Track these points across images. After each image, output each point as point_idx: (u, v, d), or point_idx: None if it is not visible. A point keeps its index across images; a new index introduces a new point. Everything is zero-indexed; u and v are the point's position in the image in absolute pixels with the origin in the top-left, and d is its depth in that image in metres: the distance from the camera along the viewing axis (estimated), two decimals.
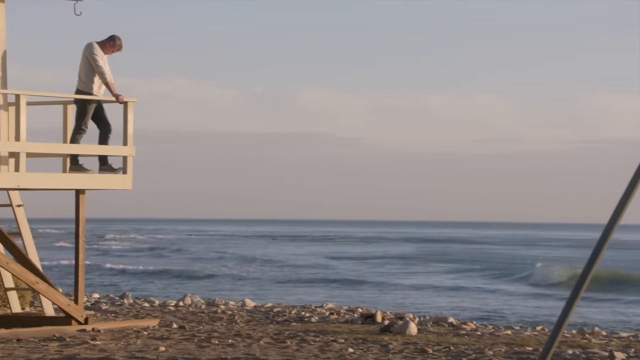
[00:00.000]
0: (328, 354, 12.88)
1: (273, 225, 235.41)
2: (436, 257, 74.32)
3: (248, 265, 64.52)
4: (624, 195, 6.73)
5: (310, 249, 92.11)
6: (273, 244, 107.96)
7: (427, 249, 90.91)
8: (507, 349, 13.70)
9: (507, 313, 33.69)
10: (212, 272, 57.13)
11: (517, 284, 48.89)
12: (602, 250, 6.72)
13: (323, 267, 63.00)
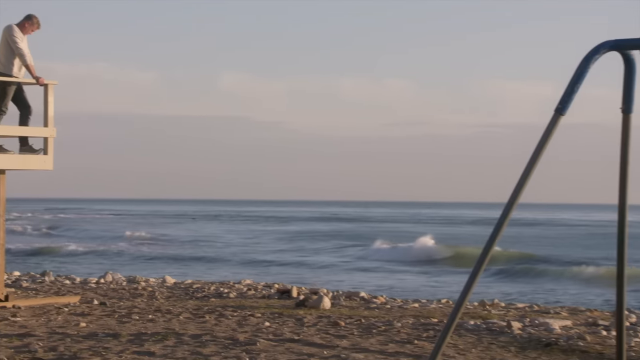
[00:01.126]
0: (245, 327, 12.89)
1: (195, 204, 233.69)
2: (346, 235, 74.75)
3: (143, 242, 63.08)
4: (521, 176, 6.88)
5: (229, 228, 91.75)
6: (193, 223, 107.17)
7: (339, 228, 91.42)
8: (414, 321, 13.91)
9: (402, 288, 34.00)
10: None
11: (402, 260, 48.80)
12: (502, 228, 6.86)
13: (242, 245, 62.77)
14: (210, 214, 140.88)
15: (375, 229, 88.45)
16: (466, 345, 11.40)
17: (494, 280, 37.00)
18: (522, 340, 11.90)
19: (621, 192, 7.34)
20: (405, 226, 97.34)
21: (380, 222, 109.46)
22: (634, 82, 7.24)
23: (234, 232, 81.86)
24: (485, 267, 6.85)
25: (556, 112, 6.86)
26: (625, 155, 7.30)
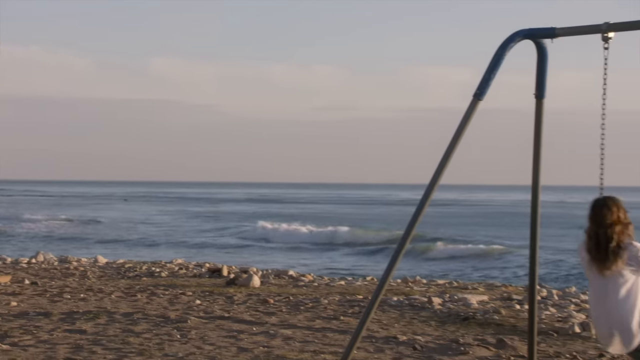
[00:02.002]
0: (177, 306, 12.82)
1: (128, 186, 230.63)
2: (274, 217, 74.69)
3: (73, 223, 61.79)
4: (442, 159, 6.98)
5: (161, 208, 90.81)
6: (125, 204, 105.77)
7: (268, 209, 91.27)
8: (340, 298, 14.01)
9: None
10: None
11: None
12: (424, 207, 6.96)
13: (171, 225, 62.13)
14: (142, 196, 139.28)
15: (300, 210, 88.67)
16: (389, 321, 11.54)
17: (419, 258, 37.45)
18: (442, 315, 12.09)
19: (534, 173, 7.51)
20: (323, 207, 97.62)
21: (304, 204, 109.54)
22: (546, 69, 7.40)
23: (165, 212, 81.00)
24: (408, 245, 6.94)
25: (474, 98, 6.96)
26: (538, 138, 7.46)
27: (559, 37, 6.99)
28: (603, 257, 6.07)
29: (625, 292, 6.04)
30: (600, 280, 6.14)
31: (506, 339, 9.69)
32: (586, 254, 6.20)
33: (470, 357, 8.92)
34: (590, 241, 6.15)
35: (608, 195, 6.24)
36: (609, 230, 6.06)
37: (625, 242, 6.04)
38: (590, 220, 6.18)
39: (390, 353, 9.14)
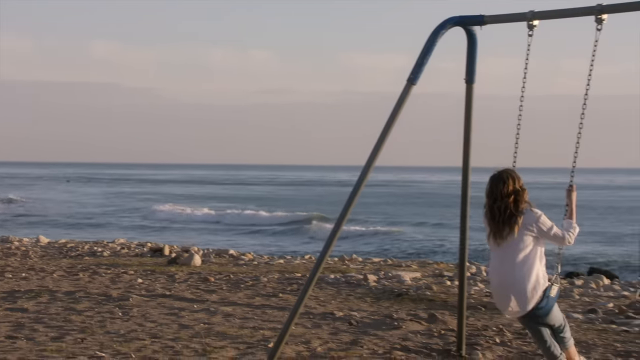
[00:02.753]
0: (119, 284, 12.69)
1: (69, 167, 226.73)
2: (209, 197, 74.16)
3: (14, 204, 60.52)
4: (377, 141, 7.01)
5: (102, 190, 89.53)
6: (67, 185, 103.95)
7: (203, 190, 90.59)
8: (279, 276, 14.02)
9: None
10: None
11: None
12: (361, 188, 6.99)
13: (111, 206, 61.14)
14: (84, 177, 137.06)
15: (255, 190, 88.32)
16: (326, 297, 11.59)
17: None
18: (377, 292, 12.18)
19: (465, 154, 7.59)
20: (247, 188, 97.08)
21: (232, 185, 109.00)
22: (476, 55, 7.48)
23: (102, 194, 79.73)
24: (344, 224, 6.97)
25: (408, 82, 7.01)
26: (468, 121, 7.54)
27: (487, 24, 7.07)
28: (499, 228, 6.18)
29: (522, 258, 6.13)
30: (500, 249, 6.24)
31: (437, 314, 9.81)
32: (487, 225, 6.31)
33: (403, 331, 9.02)
34: (488, 214, 6.26)
35: (504, 169, 6.33)
36: (503, 202, 6.16)
37: (522, 209, 6.15)
38: (487, 194, 6.28)
39: (327, 328, 9.18)
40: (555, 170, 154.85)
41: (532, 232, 6.10)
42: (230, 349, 8.06)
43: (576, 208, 6.38)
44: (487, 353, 7.85)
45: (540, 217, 6.12)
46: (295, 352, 7.93)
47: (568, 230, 6.18)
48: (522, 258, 6.11)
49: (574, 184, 6.43)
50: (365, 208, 51.19)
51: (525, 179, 6.37)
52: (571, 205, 6.35)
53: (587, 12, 6.47)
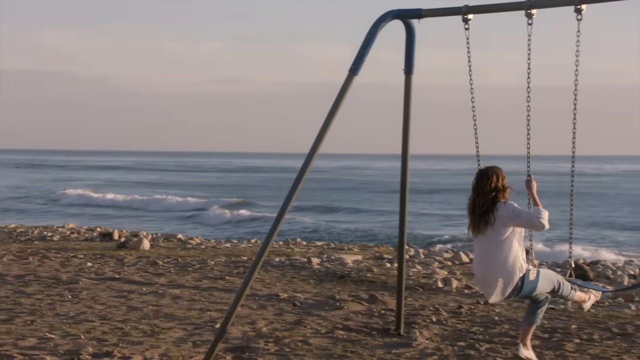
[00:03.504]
0: (68, 268, 12.52)
1: (20, 154, 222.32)
2: (156, 183, 73.51)
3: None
4: (321, 129, 7.03)
5: (53, 176, 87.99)
6: (17, 171, 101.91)
7: (154, 177, 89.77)
8: (226, 259, 13.99)
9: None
10: None
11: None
12: (305, 174, 7.00)
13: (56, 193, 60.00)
14: (34, 164, 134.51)
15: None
16: (272, 280, 11.61)
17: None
18: (320, 274, 12.24)
19: (404, 142, 7.66)
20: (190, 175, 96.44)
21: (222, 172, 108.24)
22: (414, 47, 7.54)
23: (53, 180, 78.42)
24: (290, 208, 6.98)
25: (350, 73, 7.04)
26: (407, 110, 7.61)
27: (425, 17, 7.14)
28: (477, 222, 6.41)
29: (500, 249, 6.38)
30: (480, 238, 6.47)
31: (377, 295, 9.91)
32: (468, 218, 6.53)
33: (345, 311, 9.09)
34: (470, 206, 6.48)
35: (491, 166, 6.54)
36: (484, 197, 6.39)
37: (497, 203, 6.37)
38: (472, 189, 6.50)
39: (272, 309, 9.21)
40: (496, 157, 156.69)
41: (506, 223, 6.32)
42: (178, 330, 8.03)
43: (537, 195, 6.57)
44: (424, 331, 7.97)
45: (512, 207, 6.34)
46: (241, 332, 7.94)
47: (538, 216, 6.36)
48: (500, 249, 6.37)
49: (531, 174, 6.61)
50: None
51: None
52: (532, 194, 6.56)
53: (517, 7, 6.58)
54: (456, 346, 7.37)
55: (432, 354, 7.10)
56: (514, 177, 6.99)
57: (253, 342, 7.52)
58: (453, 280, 11.26)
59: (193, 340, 7.62)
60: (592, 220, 36.96)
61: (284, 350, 7.21)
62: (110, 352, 7.04)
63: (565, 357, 6.93)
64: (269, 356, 7.01)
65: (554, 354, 7.04)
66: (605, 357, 6.98)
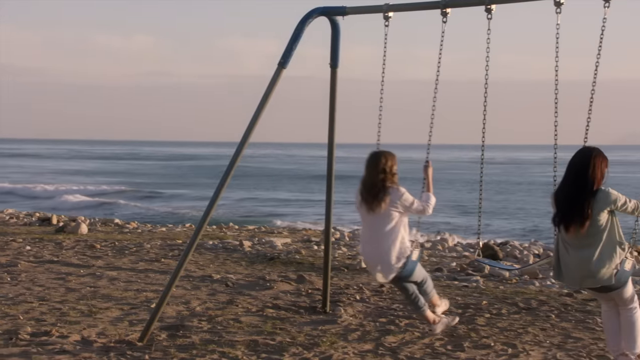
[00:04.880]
0: (7, 252, 12.18)
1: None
2: (95, 171, 72.12)
3: None
4: (251, 120, 7.00)
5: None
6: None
7: (91, 165, 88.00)
8: (162, 243, 13.83)
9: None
10: None
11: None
12: (236, 163, 6.96)
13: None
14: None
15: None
16: (205, 262, 11.52)
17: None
18: (252, 256, 12.21)
19: (330, 132, 7.68)
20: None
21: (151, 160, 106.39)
22: (339, 42, 7.56)
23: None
24: (223, 194, 6.94)
25: (279, 66, 7.01)
26: (333, 102, 7.62)
27: (349, 14, 7.17)
28: (371, 200, 6.36)
29: (388, 230, 6.35)
30: (369, 219, 6.43)
31: (305, 275, 9.94)
32: (359, 196, 6.48)
33: (274, 291, 9.09)
34: (363, 186, 6.44)
35: (382, 150, 6.53)
36: (376, 178, 6.35)
37: (389, 188, 6.35)
38: (365, 168, 6.45)
39: (205, 290, 9.15)
40: (408, 146, 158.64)
41: (397, 208, 6.31)
42: (115, 310, 7.91)
43: (432, 181, 6.62)
44: (349, 309, 8.03)
45: (403, 194, 6.32)
46: (175, 311, 7.86)
47: (427, 202, 6.41)
48: (388, 230, 6.32)
49: (429, 160, 6.65)
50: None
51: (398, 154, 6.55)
52: (428, 179, 6.60)
53: (433, 6, 6.65)
54: (378, 322, 7.46)
55: (355, 329, 7.16)
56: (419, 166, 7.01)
57: (187, 320, 7.46)
58: None
59: (129, 319, 7.52)
60: (500, 206, 37.78)
61: (217, 328, 7.18)
62: (48, 331, 6.89)
63: (477, 330, 7.08)
64: (202, 334, 6.96)
65: (466, 327, 7.18)
66: (512, 329, 7.15)
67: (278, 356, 6.25)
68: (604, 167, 5.56)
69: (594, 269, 5.47)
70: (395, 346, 6.55)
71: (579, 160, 5.56)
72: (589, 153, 5.57)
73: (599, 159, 5.55)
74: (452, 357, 6.21)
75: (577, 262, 5.54)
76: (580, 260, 5.53)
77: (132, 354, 6.30)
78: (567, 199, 5.53)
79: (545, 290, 9.32)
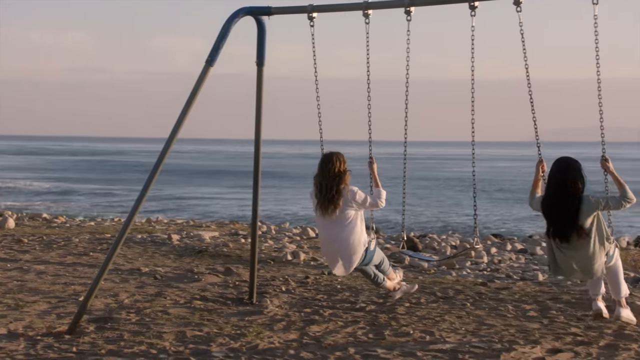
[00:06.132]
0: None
1: None
2: (38, 166, 70.24)
3: None
4: (179, 116, 6.92)
5: None
6: None
7: (36, 160, 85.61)
8: (90, 237, 13.55)
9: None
10: None
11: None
12: (164, 158, 6.87)
13: None
14: None
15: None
16: (134, 255, 11.34)
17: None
18: (180, 249, 12.08)
19: (257, 129, 7.66)
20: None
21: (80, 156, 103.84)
22: (265, 41, 7.54)
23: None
24: (151, 188, 6.83)
25: (206, 64, 6.95)
26: (259, 99, 7.60)
27: (274, 14, 7.16)
28: (326, 203, 6.47)
29: (346, 228, 6.51)
30: (326, 220, 6.55)
31: (233, 267, 9.89)
32: (314, 199, 6.57)
33: (202, 283, 9.01)
34: (317, 189, 6.52)
35: (333, 151, 6.61)
36: (331, 181, 6.45)
37: (342, 189, 6.46)
38: (318, 172, 6.54)
39: (134, 282, 9.00)
40: (345, 142, 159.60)
41: (352, 207, 6.46)
42: (43, 303, 7.71)
43: (378, 176, 6.74)
44: (274, 300, 8.03)
45: (356, 193, 6.48)
46: (104, 304, 7.71)
47: (378, 197, 6.61)
48: (346, 228, 6.49)
49: (372, 157, 6.75)
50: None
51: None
52: (374, 174, 6.71)
53: (356, 7, 6.71)
54: (303, 312, 7.48)
55: (281, 319, 7.17)
56: (359, 162, 7.14)
57: (115, 313, 7.32)
58: (301, 253, 11.41)
59: (57, 312, 7.34)
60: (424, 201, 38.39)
61: (145, 320, 7.07)
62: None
63: (397, 319, 7.18)
64: (131, 326, 6.85)
65: (387, 316, 7.28)
66: (430, 317, 7.28)
67: (205, 346, 6.21)
68: (583, 174, 5.83)
69: (590, 265, 5.90)
70: (319, 335, 6.59)
71: (561, 171, 5.83)
72: (569, 163, 5.83)
73: (578, 168, 5.82)
74: (374, 344, 6.28)
75: (574, 261, 6.03)
76: (576, 259, 5.95)
77: (60, 346, 6.16)
78: (557, 212, 5.84)
79: (462, 280, 9.53)
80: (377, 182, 6.73)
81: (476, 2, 6.18)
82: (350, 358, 5.90)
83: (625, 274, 10.55)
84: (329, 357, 5.90)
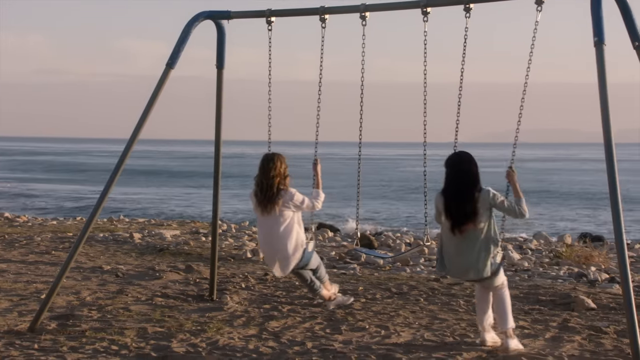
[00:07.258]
0: None
1: None
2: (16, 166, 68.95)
3: None
4: (141, 117, 6.85)
5: None
6: None
7: (15, 160, 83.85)
8: (52, 235, 13.32)
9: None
10: None
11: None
12: (126, 158, 6.78)
13: None
14: None
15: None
16: (96, 253, 11.19)
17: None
18: (142, 248, 11.95)
19: (217, 129, 7.61)
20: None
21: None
22: (224, 44, 7.51)
23: None
24: (114, 188, 6.74)
25: (167, 67, 6.89)
26: (219, 101, 7.56)
27: (234, 18, 7.13)
28: (265, 202, 6.42)
29: (284, 229, 6.46)
30: (265, 220, 6.49)
31: (193, 265, 9.81)
32: (254, 198, 6.51)
33: (163, 281, 8.93)
34: (257, 188, 6.47)
35: (275, 153, 6.55)
36: (271, 181, 6.41)
37: (282, 190, 6.42)
38: (259, 171, 6.49)
39: (96, 280, 8.88)
40: (299, 143, 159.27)
41: (290, 208, 6.41)
42: (4, 301, 7.55)
43: (321, 178, 6.73)
44: (234, 296, 7.99)
45: (294, 195, 6.43)
46: (66, 302, 7.59)
47: (316, 199, 6.58)
48: (283, 229, 6.42)
49: (317, 158, 6.73)
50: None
51: (278, 150, 6.57)
52: (317, 175, 6.69)
53: (313, 12, 6.72)
54: (262, 308, 7.46)
55: (241, 315, 7.13)
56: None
57: (77, 310, 7.21)
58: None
59: (19, 310, 7.20)
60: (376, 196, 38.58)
61: (107, 317, 6.98)
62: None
63: (354, 314, 7.20)
64: (92, 322, 6.76)
65: (344, 312, 7.29)
66: (385, 312, 7.32)
67: (166, 342, 6.15)
68: (476, 163, 5.75)
69: (475, 263, 5.67)
70: (278, 331, 6.58)
71: (459, 164, 5.70)
72: (467, 157, 5.74)
73: (474, 162, 5.73)
74: (331, 339, 6.29)
75: (461, 257, 5.74)
76: (462, 255, 5.73)
77: (21, 343, 6.04)
78: (457, 202, 5.63)
79: (415, 276, 9.60)
80: (319, 183, 6.71)
81: (428, 8, 6.24)
82: (308, 352, 5.90)
83: (569, 269, 10.75)
84: (287, 352, 5.90)
